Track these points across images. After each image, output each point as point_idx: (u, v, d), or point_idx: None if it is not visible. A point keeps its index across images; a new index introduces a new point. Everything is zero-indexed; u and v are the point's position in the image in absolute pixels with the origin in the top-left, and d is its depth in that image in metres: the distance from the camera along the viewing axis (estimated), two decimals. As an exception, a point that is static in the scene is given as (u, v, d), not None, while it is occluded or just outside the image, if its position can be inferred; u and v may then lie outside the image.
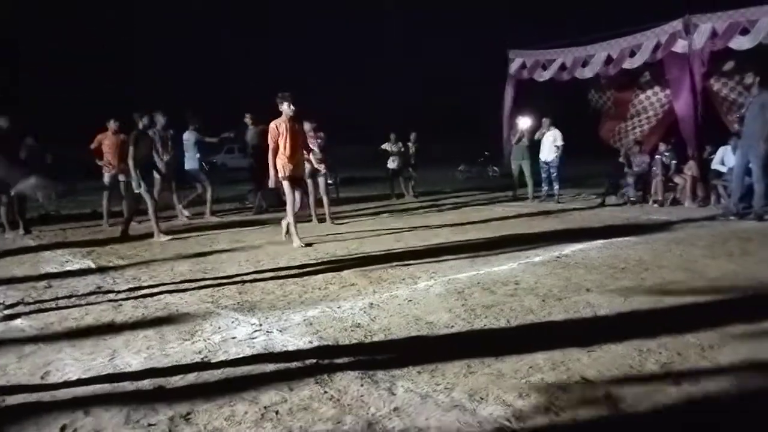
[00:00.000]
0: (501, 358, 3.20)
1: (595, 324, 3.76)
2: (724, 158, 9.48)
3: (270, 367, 3.20)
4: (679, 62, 10.39)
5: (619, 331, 3.51)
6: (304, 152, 7.21)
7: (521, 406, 2.62)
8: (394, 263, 5.71)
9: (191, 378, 3.08)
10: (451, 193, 14.07)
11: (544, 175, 11.54)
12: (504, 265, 5.54)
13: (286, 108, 6.75)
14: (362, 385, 2.90)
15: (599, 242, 6.54)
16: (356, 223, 9.09)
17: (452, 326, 3.81)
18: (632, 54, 11.08)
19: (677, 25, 10.26)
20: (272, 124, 6.83)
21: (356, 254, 6.26)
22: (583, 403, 2.66)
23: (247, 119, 10.62)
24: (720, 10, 9.96)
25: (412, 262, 5.79)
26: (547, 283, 4.80)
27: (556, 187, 11.27)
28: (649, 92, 12.45)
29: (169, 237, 7.74)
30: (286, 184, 6.84)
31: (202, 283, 5.20)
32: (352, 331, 3.77)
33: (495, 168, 18.58)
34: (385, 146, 13.26)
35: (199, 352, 3.44)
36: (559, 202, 11.01)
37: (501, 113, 13.49)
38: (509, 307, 4.18)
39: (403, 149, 13.28)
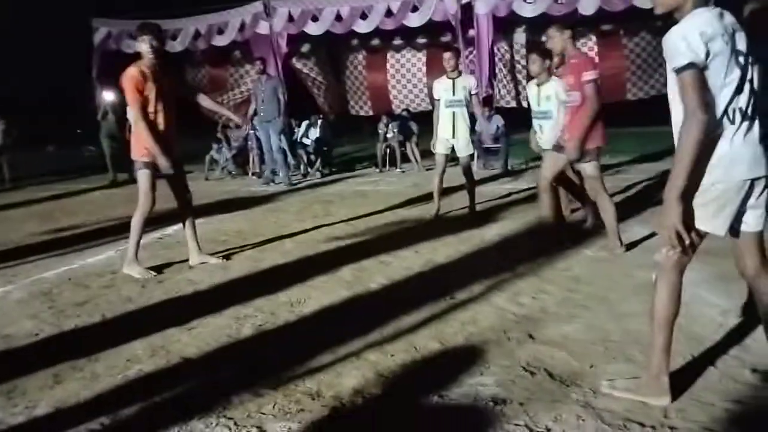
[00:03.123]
0: (96, 357, 2.95)
1: (195, 301, 3.80)
2: (309, 132, 10.71)
3: None
4: (264, 43, 11.19)
5: (218, 304, 3.63)
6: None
7: (116, 408, 2.47)
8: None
9: None
10: (40, 177, 12.21)
11: None
12: (100, 255, 5.12)
13: (145, 48, 4.19)
14: None
15: (201, 219, 6.61)
16: None
17: (37, 334, 3.34)
18: (221, 31, 11.41)
19: (258, 6, 10.98)
20: (131, 69, 4.18)
21: None
22: (183, 382, 2.67)
23: None
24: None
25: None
26: (148, 267, 4.63)
27: None
28: (241, 69, 13.11)
29: None
30: (143, 174, 4.34)
31: None
32: None
33: (91, 147, 16.90)
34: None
35: None
36: None
37: (89, 86, 12.31)
38: (106, 300, 3.88)
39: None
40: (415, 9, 10.37)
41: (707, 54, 1.95)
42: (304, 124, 10.75)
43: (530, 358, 2.72)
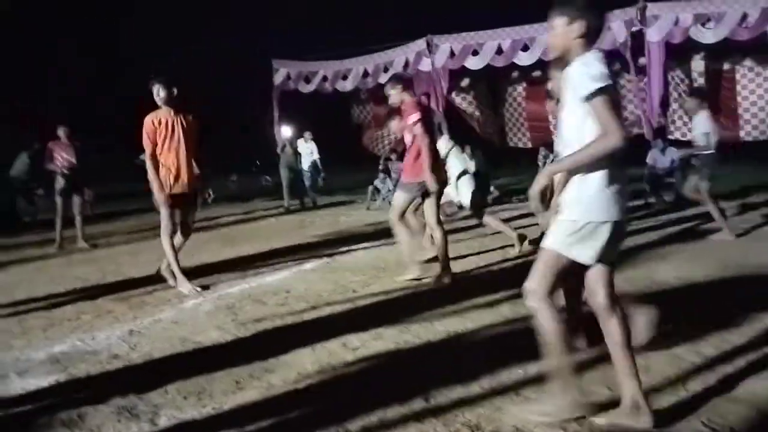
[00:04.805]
0: (271, 368, 3.22)
1: (358, 323, 3.95)
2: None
3: (5, 418, 2.78)
4: (426, 78, 11.57)
5: (379, 327, 3.77)
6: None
7: (288, 417, 2.66)
8: (158, 285, 5.33)
9: None
10: (223, 203, 13.66)
11: (308, 183, 12.21)
12: (276, 275, 5.58)
13: (155, 95, 4.93)
14: (119, 421, 2.68)
15: (364, 245, 6.96)
16: (115, 242, 8.33)
17: (222, 343, 3.72)
18: (386, 69, 12.00)
19: (421, 44, 11.41)
20: (147, 117, 4.93)
21: (114, 279, 5.72)
22: (347, 399, 2.81)
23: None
24: (455, 32, 11.34)
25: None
26: (317, 289, 4.96)
27: (312, 195, 12.18)
28: (403, 105, 13.67)
29: None
30: (164, 206, 4.96)
31: None
32: (108, 363, 3.45)
33: (267, 177, 18.54)
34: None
35: None
36: (314, 207, 11.71)
37: (270, 122, 13.57)
38: (280, 316, 4.22)
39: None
40: (580, 39, 10.09)
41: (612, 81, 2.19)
42: (462, 156, 10.85)
43: (712, 414, 2.46)
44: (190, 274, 5.26)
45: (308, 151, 12.49)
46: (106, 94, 23.95)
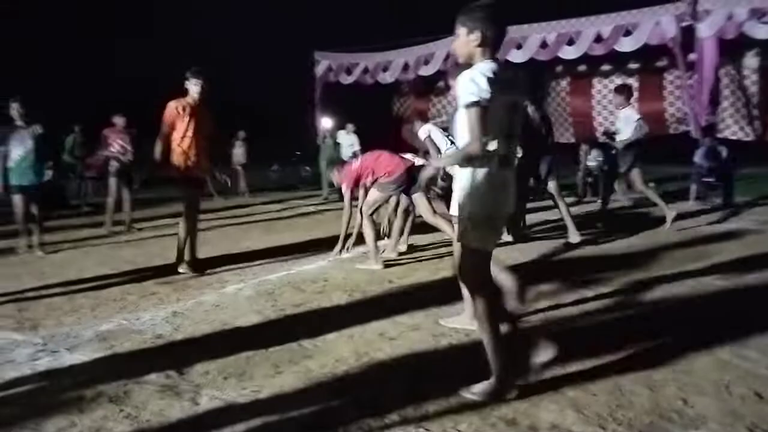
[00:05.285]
0: (310, 354, 3.27)
1: (396, 313, 3.97)
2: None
3: (56, 390, 2.90)
4: (468, 71, 11.49)
5: (416, 319, 3.79)
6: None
7: (326, 403, 2.71)
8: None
9: (-47, 414, 2.66)
10: (264, 191, 13.88)
11: None
12: (314, 264, 5.65)
13: (193, 89, 5.31)
14: (162, 399, 2.76)
15: (403, 237, 6.95)
16: (159, 228, 8.55)
17: (261, 328, 3.80)
18: (427, 62, 11.97)
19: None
20: (171, 103, 5.27)
21: (159, 262, 5.89)
22: (383, 388, 2.83)
23: None
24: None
25: (220, 266, 5.61)
26: (355, 278, 5.00)
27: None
28: (443, 100, 13.60)
29: None
30: (183, 187, 5.35)
31: (-31, 304, 4.50)
32: (152, 342, 3.56)
33: (307, 168, 18.75)
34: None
35: (-35, 384, 2.98)
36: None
37: (311, 113, 13.71)
38: (318, 303, 4.28)
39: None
40: (627, 33, 9.86)
41: (490, 95, 2.41)
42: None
43: (757, 419, 2.40)
44: (232, 260, 5.38)
45: (349, 143, 12.49)
46: (106, 93, 24.58)
